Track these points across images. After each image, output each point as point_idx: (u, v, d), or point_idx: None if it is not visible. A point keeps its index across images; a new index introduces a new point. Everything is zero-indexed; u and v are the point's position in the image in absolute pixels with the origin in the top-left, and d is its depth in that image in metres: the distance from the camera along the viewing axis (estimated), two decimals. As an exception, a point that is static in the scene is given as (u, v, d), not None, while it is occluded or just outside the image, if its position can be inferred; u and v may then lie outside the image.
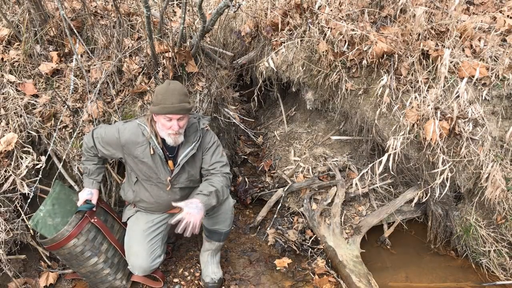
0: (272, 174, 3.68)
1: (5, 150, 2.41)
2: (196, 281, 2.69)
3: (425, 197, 2.92)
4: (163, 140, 2.24)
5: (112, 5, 2.95)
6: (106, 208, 2.54)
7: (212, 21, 2.69)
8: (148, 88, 2.76)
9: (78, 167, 2.61)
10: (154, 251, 2.40)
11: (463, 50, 2.87)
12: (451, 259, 3.01)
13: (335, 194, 3.27)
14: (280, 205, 3.34)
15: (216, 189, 2.22)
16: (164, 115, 2.11)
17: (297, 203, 3.38)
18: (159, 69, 2.80)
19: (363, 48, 2.88)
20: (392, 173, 3.15)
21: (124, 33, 2.90)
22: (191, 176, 2.38)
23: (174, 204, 2.16)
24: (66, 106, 2.61)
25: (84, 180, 2.43)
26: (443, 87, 2.72)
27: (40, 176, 2.48)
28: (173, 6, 3.87)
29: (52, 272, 2.61)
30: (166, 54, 2.77)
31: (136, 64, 2.78)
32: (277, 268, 2.84)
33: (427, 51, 2.82)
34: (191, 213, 2.06)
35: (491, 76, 2.72)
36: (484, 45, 2.84)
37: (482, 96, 2.71)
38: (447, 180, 2.65)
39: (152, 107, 2.15)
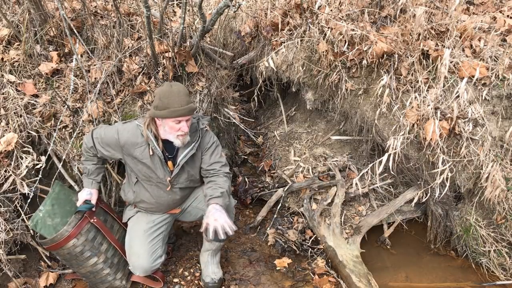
0: (272, 174, 3.68)
1: (5, 150, 2.41)
2: (196, 281, 2.69)
3: (425, 197, 2.91)
4: (164, 141, 2.24)
5: (112, 5, 2.95)
6: (106, 208, 2.54)
7: (212, 21, 2.69)
8: (148, 88, 2.76)
9: (78, 167, 2.61)
10: (155, 252, 2.40)
11: (463, 50, 2.87)
12: (451, 259, 3.01)
13: (335, 194, 3.27)
14: (280, 205, 3.34)
15: (226, 190, 2.26)
16: (174, 118, 2.09)
17: (297, 203, 3.38)
18: (159, 69, 2.80)
19: (363, 48, 2.88)
20: (392, 173, 3.15)
21: (124, 33, 2.90)
22: (191, 176, 2.38)
23: (202, 230, 2.11)
24: (66, 106, 2.61)
25: (84, 180, 2.43)
26: (443, 87, 2.72)
27: (40, 176, 2.48)
28: (173, 6, 3.87)
29: (52, 272, 2.61)
30: (166, 54, 2.77)
31: (136, 64, 2.78)
32: (277, 268, 2.84)
33: (427, 51, 2.82)
34: (216, 218, 2.05)
35: (491, 76, 2.71)
36: (484, 45, 2.84)
37: (482, 96, 2.71)
38: (447, 180, 2.65)
39: (157, 111, 2.10)
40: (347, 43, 2.94)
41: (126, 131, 2.25)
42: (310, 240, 3.07)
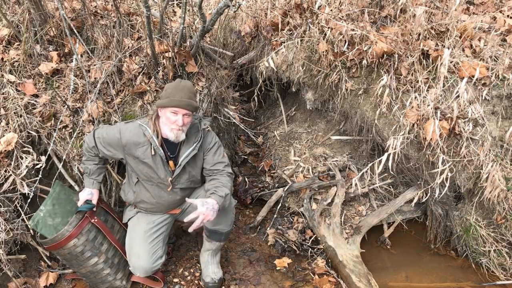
0: (272, 174, 3.68)
1: (5, 150, 2.41)
2: (196, 281, 2.69)
3: (425, 197, 2.92)
4: (165, 140, 2.25)
5: (112, 5, 2.95)
6: (106, 208, 2.54)
7: (212, 21, 2.69)
8: (148, 88, 2.76)
9: (78, 167, 2.61)
10: (155, 252, 2.40)
11: (463, 50, 2.87)
12: (451, 259, 3.01)
13: (335, 194, 3.27)
14: (280, 205, 3.34)
15: (229, 192, 2.27)
16: (171, 107, 2.13)
17: (297, 203, 3.38)
18: (159, 69, 2.80)
19: (363, 48, 2.88)
20: (392, 173, 3.15)
21: (124, 33, 2.90)
22: (192, 176, 2.38)
23: (189, 200, 2.16)
24: (66, 106, 2.61)
25: (85, 180, 2.43)
26: (443, 87, 2.72)
27: (40, 176, 2.48)
28: (173, 6, 3.87)
29: (52, 272, 2.61)
30: (166, 54, 2.77)
31: (136, 64, 2.78)
32: (277, 268, 2.84)
33: (427, 51, 2.82)
34: (206, 214, 2.07)
35: (491, 76, 2.72)
36: (484, 45, 2.84)
37: (482, 96, 2.71)
38: (447, 180, 2.65)
39: (160, 100, 2.18)
40: (347, 43, 2.94)
41: (128, 130, 2.26)
42: (310, 240, 3.07)
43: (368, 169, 2.87)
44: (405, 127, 2.73)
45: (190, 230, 2.08)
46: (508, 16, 3.08)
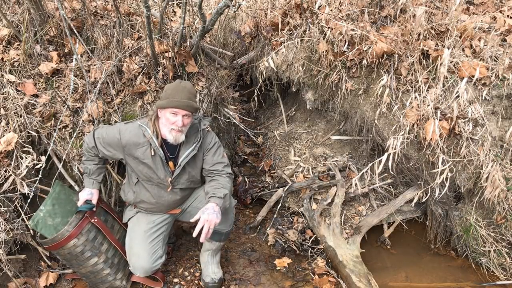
0: (272, 174, 3.68)
1: (5, 150, 2.41)
2: (196, 281, 2.69)
3: (425, 197, 2.92)
4: (164, 141, 2.25)
5: (112, 5, 2.95)
6: (106, 208, 2.54)
7: (212, 21, 2.69)
8: (148, 88, 2.76)
9: (78, 167, 2.61)
10: (155, 252, 2.40)
11: (463, 50, 2.87)
12: (451, 259, 3.01)
13: (335, 194, 3.27)
14: (280, 205, 3.34)
15: (228, 192, 2.27)
16: (171, 108, 2.13)
17: (297, 203, 3.38)
18: (159, 69, 2.80)
19: (363, 48, 2.88)
20: (392, 173, 3.15)
21: (124, 33, 2.90)
22: (191, 177, 2.38)
23: (193, 220, 2.13)
24: (66, 106, 2.61)
25: (85, 180, 2.43)
26: (443, 87, 2.72)
27: (40, 176, 2.48)
28: (173, 6, 3.87)
29: (52, 272, 2.61)
30: (166, 54, 2.77)
31: (136, 64, 2.78)
32: (277, 268, 2.84)
33: (427, 51, 2.82)
34: (209, 219, 2.07)
35: (491, 76, 2.72)
36: (484, 45, 2.84)
37: (482, 96, 2.71)
38: (447, 180, 2.65)
39: (159, 101, 2.18)
40: (347, 43, 2.94)
41: (128, 131, 2.26)
42: (310, 240, 3.07)
43: (368, 169, 2.87)
44: (405, 127, 2.73)
45: (201, 240, 2.07)
46: (508, 16, 3.08)
